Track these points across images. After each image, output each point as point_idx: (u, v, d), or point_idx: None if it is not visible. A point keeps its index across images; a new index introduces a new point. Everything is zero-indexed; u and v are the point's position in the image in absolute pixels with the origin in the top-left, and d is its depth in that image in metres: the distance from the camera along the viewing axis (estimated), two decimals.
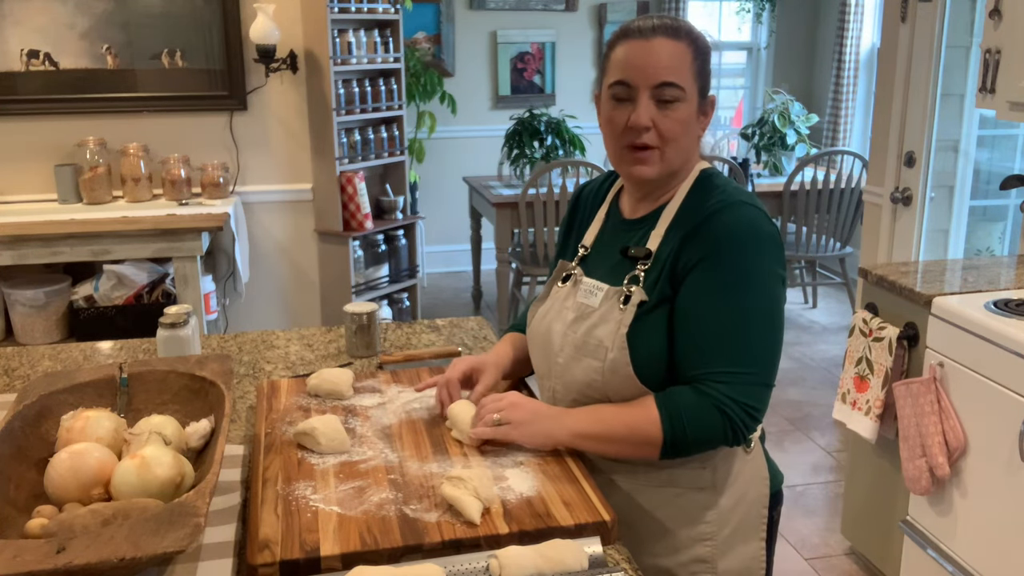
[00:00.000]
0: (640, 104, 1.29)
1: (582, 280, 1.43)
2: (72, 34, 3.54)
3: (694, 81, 1.31)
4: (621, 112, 1.31)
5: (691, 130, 1.33)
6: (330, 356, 1.91)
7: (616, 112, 1.32)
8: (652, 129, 1.30)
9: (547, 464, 1.32)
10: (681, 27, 1.31)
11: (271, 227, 3.96)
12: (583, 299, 1.40)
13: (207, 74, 3.70)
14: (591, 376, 1.36)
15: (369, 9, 3.90)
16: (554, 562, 1.08)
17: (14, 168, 3.61)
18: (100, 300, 3.39)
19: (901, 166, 3.35)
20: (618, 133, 1.33)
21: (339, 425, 1.39)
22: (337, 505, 1.21)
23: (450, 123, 5.87)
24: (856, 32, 5.74)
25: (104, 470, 1.17)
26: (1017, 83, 2.38)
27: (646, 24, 1.31)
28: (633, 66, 1.29)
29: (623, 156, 1.34)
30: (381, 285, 4.16)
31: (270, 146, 3.86)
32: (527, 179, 4.59)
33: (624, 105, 1.31)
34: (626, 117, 1.30)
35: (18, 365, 1.88)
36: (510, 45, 6.14)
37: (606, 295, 1.37)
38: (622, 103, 1.31)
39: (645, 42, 1.29)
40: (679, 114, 1.30)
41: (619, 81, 1.30)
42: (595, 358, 1.35)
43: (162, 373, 1.41)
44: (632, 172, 1.35)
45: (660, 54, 1.28)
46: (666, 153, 1.32)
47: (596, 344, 1.35)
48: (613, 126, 1.33)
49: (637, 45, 1.29)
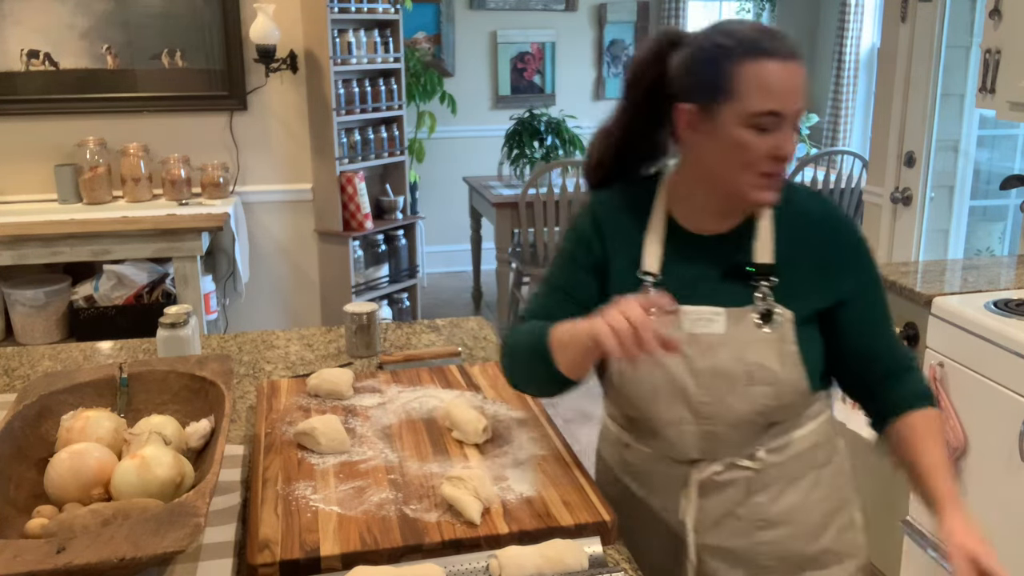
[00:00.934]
0: (789, 134, 1.20)
1: (683, 310, 1.27)
2: (72, 34, 3.54)
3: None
4: (763, 140, 1.19)
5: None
6: (330, 356, 1.91)
7: (758, 140, 1.19)
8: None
9: (547, 464, 1.32)
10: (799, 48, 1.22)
11: (271, 227, 3.96)
12: (697, 329, 1.27)
13: (207, 74, 3.70)
14: (762, 403, 1.28)
15: (369, 9, 3.90)
16: (554, 562, 1.08)
17: (14, 168, 3.61)
18: (100, 300, 3.39)
19: (901, 166, 3.35)
20: (753, 160, 1.20)
21: (339, 425, 1.39)
22: (337, 505, 1.21)
23: (450, 123, 5.87)
24: (856, 32, 5.73)
25: (104, 470, 1.17)
26: (1017, 83, 2.38)
27: (781, 42, 1.19)
28: (784, 91, 1.17)
29: (755, 183, 1.22)
30: (381, 285, 4.16)
31: (270, 146, 3.86)
32: (527, 179, 4.59)
33: (767, 135, 1.19)
34: (767, 145, 1.19)
35: (18, 365, 1.88)
36: (510, 45, 6.13)
37: (730, 318, 1.27)
38: (764, 133, 1.19)
39: (787, 64, 1.18)
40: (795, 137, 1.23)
41: (772, 111, 1.17)
42: (764, 384, 1.27)
43: (162, 373, 1.41)
44: (764, 199, 1.23)
45: (799, 78, 1.19)
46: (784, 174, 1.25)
47: (758, 369, 1.26)
48: (749, 153, 1.20)
49: (781, 68, 1.17)
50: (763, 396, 1.27)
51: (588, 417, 3.88)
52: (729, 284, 1.28)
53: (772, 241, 1.28)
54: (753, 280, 1.27)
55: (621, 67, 6.37)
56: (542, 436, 1.41)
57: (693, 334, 1.27)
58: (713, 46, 1.20)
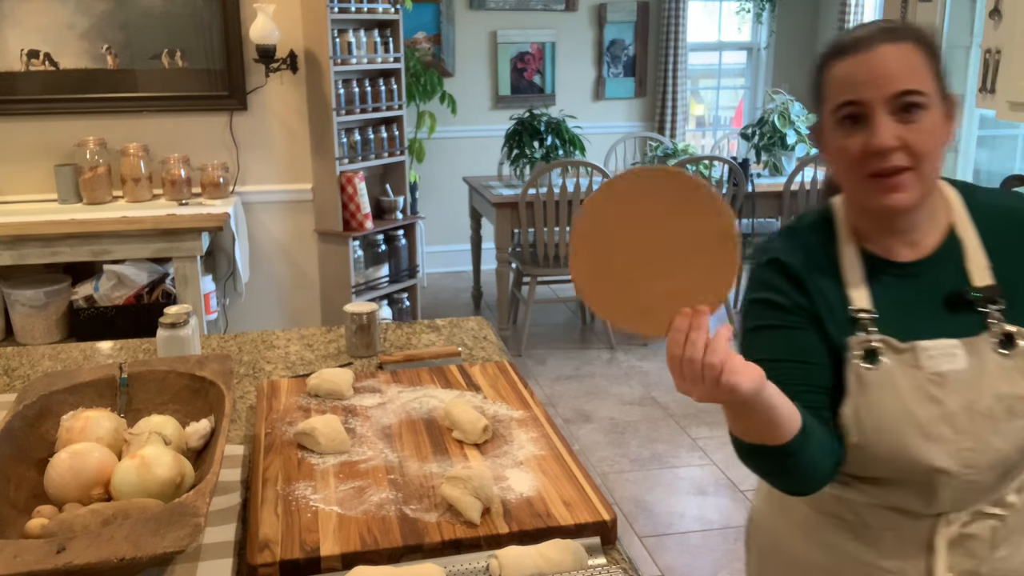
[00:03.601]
0: (879, 122, 1.08)
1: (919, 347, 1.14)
2: (72, 34, 3.54)
3: (933, 82, 1.11)
4: (855, 138, 1.10)
5: (941, 139, 1.12)
6: (330, 356, 1.91)
7: (849, 140, 1.11)
8: (900, 148, 1.09)
9: (547, 464, 1.32)
10: (900, 27, 1.12)
11: (271, 227, 3.96)
12: (940, 366, 1.14)
13: (207, 74, 3.70)
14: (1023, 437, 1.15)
15: (369, 9, 3.90)
16: (554, 562, 1.08)
17: (14, 168, 3.61)
18: (100, 300, 3.39)
19: None
20: (855, 162, 1.11)
21: (339, 425, 1.39)
22: (337, 505, 1.21)
23: (450, 123, 5.87)
24: None
25: (104, 470, 1.17)
26: (1017, 83, 2.38)
27: (862, 34, 1.12)
28: (860, 82, 1.09)
29: (868, 188, 1.12)
30: (381, 285, 4.16)
31: (270, 146, 3.86)
32: (527, 179, 4.59)
33: (857, 129, 1.10)
34: (862, 142, 1.10)
35: (18, 365, 1.88)
36: (510, 45, 6.13)
37: (968, 348, 1.15)
38: (854, 127, 1.11)
39: (868, 53, 1.09)
40: (926, 123, 1.09)
41: (846, 102, 1.10)
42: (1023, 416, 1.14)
43: (162, 373, 1.41)
44: (886, 204, 1.11)
45: (889, 61, 1.09)
46: (923, 171, 1.10)
47: (1016, 401, 1.14)
48: (848, 156, 1.11)
49: (859, 59, 1.10)
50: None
51: (588, 417, 3.89)
52: (951, 313, 1.16)
53: (984, 256, 1.17)
54: (980, 306, 1.15)
55: (621, 67, 6.37)
56: (542, 436, 1.41)
57: (937, 371, 1.13)
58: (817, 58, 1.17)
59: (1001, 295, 1.15)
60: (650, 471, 3.41)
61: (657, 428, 3.76)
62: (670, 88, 6.27)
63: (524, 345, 4.70)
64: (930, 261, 1.18)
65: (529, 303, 4.68)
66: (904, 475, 1.16)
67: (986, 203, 1.20)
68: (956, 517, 1.18)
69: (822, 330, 1.17)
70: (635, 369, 4.43)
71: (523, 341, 4.70)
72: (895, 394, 1.13)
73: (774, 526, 1.34)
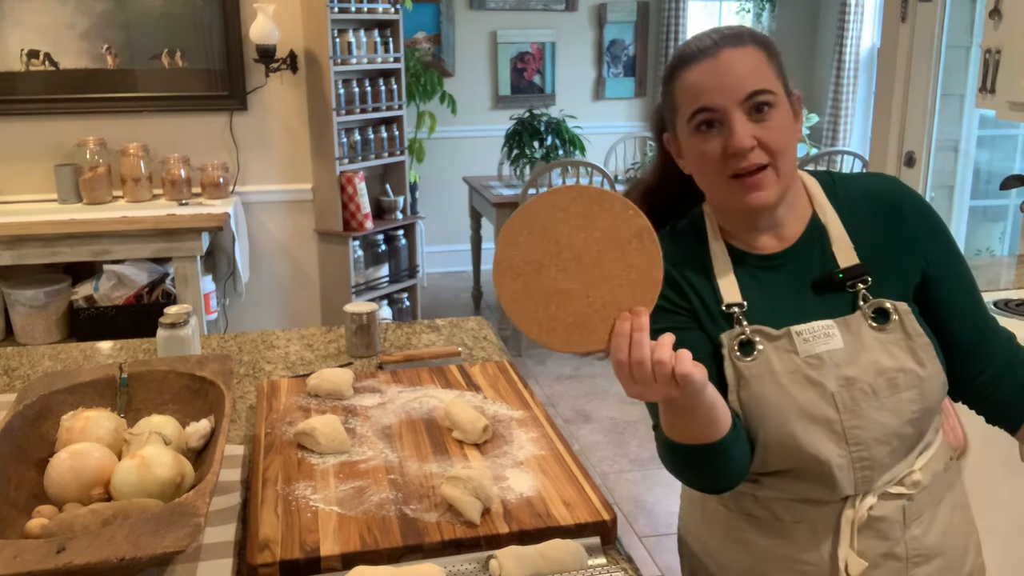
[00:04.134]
0: (735, 124, 1.11)
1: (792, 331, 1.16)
2: (72, 34, 3.54)
3: (779, 82, 1.15)
4: (712, 142, 1.13)
5: (792, 136, 1.17)
6: (330, 356, 1.91)
7: (707, 144, 1.13)
8: (756, 147, 1.12)
9: (547, 464, 1.32)
10: (742, 32, 1.16)
11: (271, 227, 3.96)
12: (817, 348, 1.15)
13: (207, 74, 3.70)
14: (910, 410, 1.16)
15: (369, 9, 3.90)
16: (554, 562, 1.08)
17: (14, 168, 3.61)
18: (100, 300, 3.39)
19: (901, 166, 3.35)
20: (716, 165, 1.14)
21: (339, 425, 1.39)
22: (337, 505, 1.21)
23: (450, 123, 5.87)
24: (856, 32, 5.74)
25: (104, 470, 1.17)
26: (1017, 83, 2.38)
27: (704, 42, 1.14)
28: (711, 88, 1.12)
29: (730, 189, 1.15)
30: (381, 285, 4.16)
31: (270, 146, 3.86)
32: (527, 179, 4.59)
33: (713, 133, 1.13)
34: (720, 145, 1.12)
35: (18, 365, 1.88)
36: (510, 45, 6.13)
37: (843, 328, 1.17)
38: (710, 132, 1.13)
39: (713, 59, 1.12)
40: (776, 121, 1.13)
41: (700, 108, 1.13)
42: (908, 388, 1.16)
43: (162, 373, 1.41)
44: (750, 202, 1.14)
45: (736, 65, 1.12)
46: (780, 167, 1.14)
47: (898, 373, 1.16)
48: (708, 160, 1.14)
49: (705, 65, 1.13)
50: (910, 402, 1.16)
51: (588, 417, 3.88)
52: (822, 296, 1.19)
53: (847, 238, 1.20)
54: (849, 286, 1.18)
55: (621, 67, 6.37)
56: (542, 436, 1.41)
57: (814, 353, 1.15)
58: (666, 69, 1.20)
59: (867, 272, 1.18)
60: (650, 471, 3.41)
61: None
62: None
63: (524, 345, 4.70)
64: (795, 249, 1.21)
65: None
66: (799, 463, 1.17)
67: (847, 188, 1.24)
68: (862, 501, 1.18)
69: (701, 328, 1.20)
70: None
71: (523, 341, 4.70)
72: (774, 381, 1.15)
73: (699, 533, 1.34)
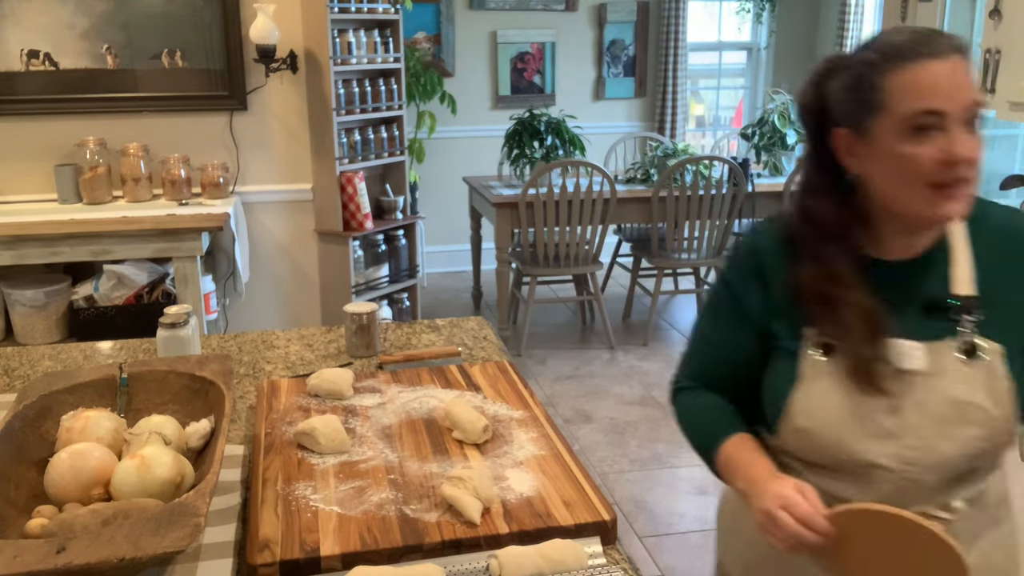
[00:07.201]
0: (958, 133, 1.08)
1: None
2: (72, 34, 3.54)
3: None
4: (928, 147, 1.09)
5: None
6: (330, 356, 1.91)
7: (921, 148, 1.09)
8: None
9: (547, 464, 1.32)
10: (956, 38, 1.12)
11: (271, 227, 3.96)
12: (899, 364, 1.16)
13: (207, 74, 3.70)
14: (973, 445, 1.15)
15: (369, 9, 3.90)
16: (554, 562, 1.08)
17: (14, 168, 3.61)
18: (100, 300, 3.39)
19: None
20: (924, 171, 1.10)
21: (339, 425, 1.39)
22: (337, 505, 1.21)
23: (450, 123, 5.87)
24: (856, 32, 5.74)
25: (104, 470, 1.17)
26: (1017, 83, 2.38)
27: (933, 42, 1.10)
28: (939, 90, 1.08)
29: (927, 197, 1.11)
30: (381, 285, 4.16)
31: (270, 146, 3.86)
32: (527, 179, 4.59)
33: (929, 138, 1.09)
34: (934, 152, 1.09)
35: (18, 365, 1.88)
36: (510, 45, 6.13)
37: (929, 353, 1.16)
38: (927, 136, 1.09)
39: (947, 62, 1.09)
40: (979, 137, 1.11)
41: (927, 111, 1.08)
42: (976, 424, 1.14)
43: (162, 373, 1.41)
44: (944, 213, 1.11)
45: (965, 73, 1.10)
46: (974, 183, 1.12)
47: (969, 408, 1.15)
48: (916, 164, 1.10)
49: (938, 67, 1.08)
50: (974, 438, 1.15)
51: (588, 417, 3.89)
52: (928, 316, 1.17)
53: (971, 267, 1.17)
54: (955, 314, 1.16)
55: (621, 67, 6.37)
56: (542, 436, 1.41)
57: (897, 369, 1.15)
58: (859, 63, 1.14)
59: (979, 308, 1.16)
60: (650, 471, 3.41)
61: (657, 428, 3.76)
62: (670, 88, 6.27)
63: (524, 345, 4.70)
64: (918, 262, 1.19)
65: (529, 303, 4.68)
66: (840, 464, 1.19)
67: (991, 217, 1.21)
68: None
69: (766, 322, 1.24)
70: (635, 369, 4.43)
71: (523, 341, 4.70)
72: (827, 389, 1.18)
73: (736, 507, 1.36)
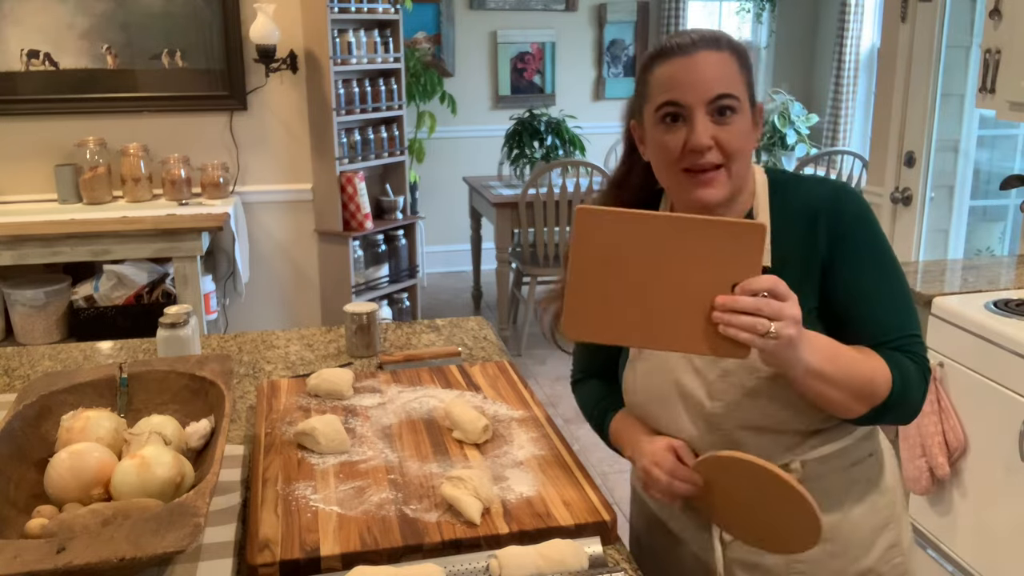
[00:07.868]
0: (697, 122, 1.18)
1: None
2: (72, 34, 3.54)
3: (745, 90, 1.22)
4: (674, 135, 1.20)
5: (749, 142, 1.23)
6: (330, 356, 1.91)
7: (669, 136, 1.20)
8: (714, 147, 1.19)
9: (547, 464, 1.32)
10: (721, 37, 1.22)
11: (271, 227, 3.96)
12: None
13: (207, 74, 3.70)
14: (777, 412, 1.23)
15: (369, 9, 3.90)
16: (554, 562, 1.08)
17: (14, 168, 3.61)
18: (100, 300, 3.39)
19: (901, 166, 3.35)
20: (674, 158, 1.21)
21: (339, 425, 1.39)
22: (337, 505, 1.21)
23: (450, 123, 5.87)
24: (856, 32, 5.74)
25: (104, 470, 1.17)
26: (1017, 83, 2.38)
27: (684, 40, 1.21)
28: (681, 83, 1.19)
29: (682, 182, 1.22)
30: (381, 285, 4.16)
31: (270, 146, 3.86)
32: (527, 179, 4.59)
33: (676, 127, 1.20)
34: (681, 140, 1.19)
35: (18, 365, 1.88)
36: (510, 45, 6.13)
37: None
38: (674, 125, 1.20)
39: (688, 58, 1.19)
40: (738, 126, 1.20)
41: (668, 101, 1.19)
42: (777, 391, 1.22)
43: (162, 373, 1.41)
44: (697, 197, 1.21)
45: (708, 67, 1.19)
46: (732, 170, 1.21)
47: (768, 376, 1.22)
48: (667, 152, 1.21)
49: (681, 62, 1.19)
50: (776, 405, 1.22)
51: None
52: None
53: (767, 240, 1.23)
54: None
55: (621, 67, 6.37)
56: (542, 436, 1.41)
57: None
58: (643, 60, 1.27)
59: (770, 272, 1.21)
60: None
61: None
62: None
63: (524, 345, 4.70)
64: None
65: (529, 303, 4.68)
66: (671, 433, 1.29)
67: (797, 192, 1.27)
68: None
69: None
70: None
71: (523, 341, 4.70)
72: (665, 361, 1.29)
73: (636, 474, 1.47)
